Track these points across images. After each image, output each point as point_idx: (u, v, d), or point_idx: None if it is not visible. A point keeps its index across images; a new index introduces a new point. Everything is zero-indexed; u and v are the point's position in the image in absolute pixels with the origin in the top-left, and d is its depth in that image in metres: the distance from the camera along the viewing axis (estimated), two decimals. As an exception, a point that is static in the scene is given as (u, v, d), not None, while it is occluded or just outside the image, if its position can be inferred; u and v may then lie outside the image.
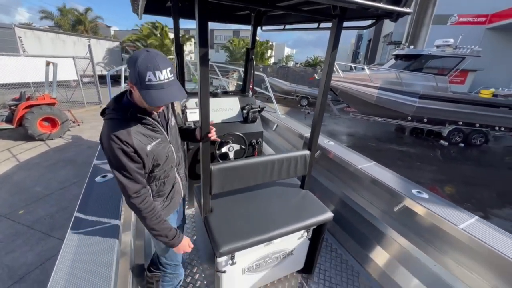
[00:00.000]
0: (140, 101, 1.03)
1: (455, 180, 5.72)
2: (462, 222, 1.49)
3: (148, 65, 0.92)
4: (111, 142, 0.98)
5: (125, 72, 10.91)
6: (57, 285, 0.94)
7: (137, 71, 0.92)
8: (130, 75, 0.96)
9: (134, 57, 0.93)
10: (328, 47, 1.50)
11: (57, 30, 17.32)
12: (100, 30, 27.71)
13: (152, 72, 0.92)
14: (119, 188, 1.06)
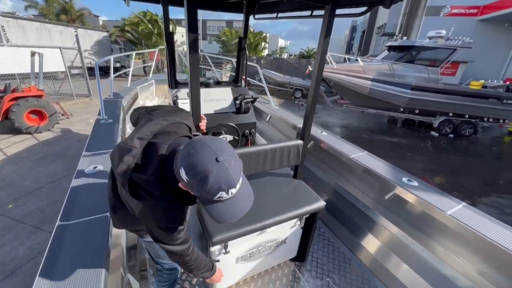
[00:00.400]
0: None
1: (444, 170, 5.86)
2: (450, 209, 1.53)
3: (222, 186, 0.69)
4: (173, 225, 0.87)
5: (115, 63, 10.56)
6: (47, 277, 0.92)
7: (207, 191, 0.69)
8: (191, 185, 0.72)
9: (203, 170, 0.67)
10: (321, 35, 1.48)
11: (42, 20, 16.63)
12: (88, 20, 26.73)
13: (226, 191, 0.70)
14: (168, 255, 0.97)
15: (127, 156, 0.78)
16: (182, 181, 0.74)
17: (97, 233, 1.15)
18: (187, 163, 0.69)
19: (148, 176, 0.79)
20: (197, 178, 0.68)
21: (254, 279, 1.89)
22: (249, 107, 2.49)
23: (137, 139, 0.80)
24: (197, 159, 0.68)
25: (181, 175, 0.71)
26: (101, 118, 2.52)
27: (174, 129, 0.88)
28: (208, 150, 0.69)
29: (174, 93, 2.31)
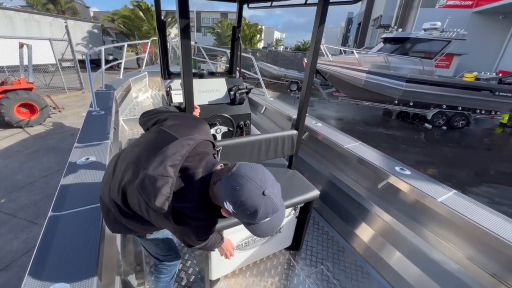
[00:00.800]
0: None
1: (437, 161, 5.96)
2: (440, 196, 1.56)
3: (269, 215, 0.72)
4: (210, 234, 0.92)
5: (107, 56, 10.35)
6: (39, 266, 0.92)
7: (256, 220, 0.72)
8: (238, 215, 0.74)
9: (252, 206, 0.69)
10: (315, 24, 1.47)
11: (31, 10, 16.09)
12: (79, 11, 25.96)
13: (271, 216, 0.74)
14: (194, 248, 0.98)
15: (165, 187, 0.74)
16: (226, 210, 0.75)
17: (90, 223, 1.14)
18: (235, 200, 0.70)
19: (191, 204, 0.79)
20: (247, 212, 0.70)
21: (250, 268, 1.92)
22: (243, 98, 2.47)
23: (170, 167, 0.77)
24: (245, 196, 0.69)
25: (226, 207, 0.73)
26: (93, 110, 2.48)
27: (202, 149, 0.88)
28: (253, 185, 0.70)
29: (167, 84, 2.28)
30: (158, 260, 1.34)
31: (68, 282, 0.87)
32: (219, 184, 0.74)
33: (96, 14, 33.54)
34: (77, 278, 0.89)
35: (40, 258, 0.94)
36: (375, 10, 21.94)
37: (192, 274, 1.84)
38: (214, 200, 0.79)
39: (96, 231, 1.10)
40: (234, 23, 2.63)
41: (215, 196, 0.77)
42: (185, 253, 2.01)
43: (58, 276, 0.89)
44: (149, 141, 0.91)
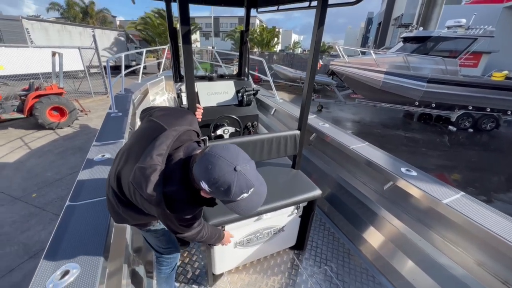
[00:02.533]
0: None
1: (460, 166, 5.63)
2: (446, 198, 1.51)
3: (243, 190, 0.76)
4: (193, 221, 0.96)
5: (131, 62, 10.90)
6: (54, 249, 1.04)
7: (231, 196, 0.76)
8: (214, 194, 0.79)
9: (225, 182, 0.73)
10: (314, 24, 1.50)
11: (63, 21, 17.43)
12: (109, 21, 27.75)
13: (247, 192, 0.78)
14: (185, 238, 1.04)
15: (153, 175, 0.80)
16: (204, 190, 0.81)
17: (101, 212, 1.26)
18: (208, 177, 0.75)
19: (175, 187, 0.84)
20: (221, 189, 0.74)
21: (253, 265, 1.96)
22: (251, 100, 2.54)
23: (156, 156, 0.83)
24: (216, 173, 0.73)
25: (203, 186, 0.78)
26: (112, 112, 2.67)
27: (186, 137, 0.95)
28: (224, 162, 0.75)
29: (178, 87, 2.41)
30: (159, 253, 1.41)
31: (78, 264, 0.98)
32: (195, 165, 0.80)
33: (122, 23, 35.57)
34: (86, 260, 1.00)
35: (56, 242, 1.06)
36: (396, 9, 21.19)
37: (197, 268, 1.92)
38: (194, 183, 0.83)
39: (105, 220, 1.21)
40: (252, 27, 2.70)
41: (193, 178, 0.81)
42: (192, 248, 2.09)
43: (70, 258, 1.00)
44: (140, 130, 1.01)
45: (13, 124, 6.26)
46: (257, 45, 25.44)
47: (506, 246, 1.25)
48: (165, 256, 1.42)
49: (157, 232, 1.31)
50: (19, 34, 11.06)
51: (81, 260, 0.99)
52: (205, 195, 0.85)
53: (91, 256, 1.02)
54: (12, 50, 7.53)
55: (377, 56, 7.87)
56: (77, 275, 0.92)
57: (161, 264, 1.44)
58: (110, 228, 1.21)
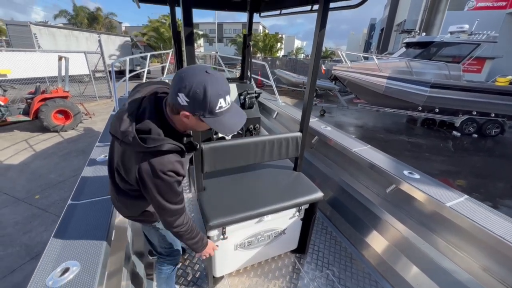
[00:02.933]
0: (187, 127, 0.91)
1: (465, 171, 5.56)
2: (450, 201, 1.49)
3: (219, 92, 0.78)
4: (168, 178, 0.87)
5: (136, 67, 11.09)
6: (55, 246, 1.04)
7: (208, 103, 0.76)
8: (191, 107, 0.78)
9: (198, 85, 0.75)
10: (316, 27, 1.52)
11: (70, 27, 17.81)
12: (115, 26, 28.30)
13: (223, 98, 0.79)
14: (164, 217, 0.99)
15: (125, 115, 0.83)
16: (183, 108, 0.79)
17: (102, 211, 1.26)
18: (183, 85, 0.75)
19: (148, 116, 0.84)
20: (197, 93, 0.75)
21: (254, 268, 1.94)
22: (253, 102, 2.55)
23: (128, 103, 0.89)
24: (190, 78, 0.76)
25: (180, 102, 0.77)
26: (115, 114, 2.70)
27: (155, 85, 0.98)
28: (196, 68, 0.79)
29: None
30: (160, 253, 1.42)
31: (78, 261, 0.98)
32: (170, 90, 0.82)
33: (127, 29, 36.23)
34: (87, 258, 1.00)
35: (57, 240, 1.06)
36: (399, 15, 21.32)
37: (198, 270, 1.91)
38: (171, 115, 0.85)
39: (107, 219, 1.21)
40: (254, 32, 2.74)
41: (170, 106, 0.83)
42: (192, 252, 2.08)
43: (70, 255, 1.00)
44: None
45: (19, 127, 6.35)
46: (260, 51, 25.68)
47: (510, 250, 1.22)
48: (167, 258, 1.43)
49: (159, 230, 1.31)
50: (27, 39, 11.31)
51: (82, 258, 0.99)
52: (184, 118, 0.82)
53: (92, 254, 1.02)
54: (20, 54, 7.69)
55: (379, 61, 7.89)
56: (77, 272, 0.92)
57: (162, 264, 1.45)
58: (111, 227, 1.21)
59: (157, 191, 0.89)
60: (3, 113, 5.59)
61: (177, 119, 0.87)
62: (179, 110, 0.81)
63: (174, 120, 0.88)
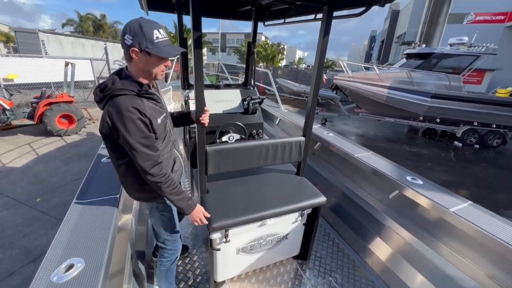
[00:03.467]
0: (143, 72, 1.12)
1: (467, 182, 5.53)
2: (453, 206, 1.49)
3: (152, 25, 1.04)
4: (130, 114, 1.01)
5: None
6: (60, 243, 1.04)
7: (145, 33, 1.01)
8: (136, 41, 1.02)
9: (135, 23, 1.02)
10: (320, 34, 1.56)
11: (77, 35, 18.21)
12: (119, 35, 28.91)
13: (157, 30, 1.05)
14: (138, 161, 1.07)
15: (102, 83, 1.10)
16: (131, 46, 1.03)
17: (105, 211, 1.27)
18: (125, 28, 1.04)
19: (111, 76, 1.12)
20: (135, 28, 1.01)
21: (256, 273, 1.92)
22: (256, 108, 2.58)
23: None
24: (130, 24, 1.03)
25: (127, 42, 1.03)
26: None
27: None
28: (134, 19, 1.05)
29: (186, 94, 2.48)
30: (162, 243, 1.48)
31: (83, 258, 0.98)
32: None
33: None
34: (91, 256, 1.00)
35: (61, 237, 1.07)
36: (399, 27, 21.73)
37: (199, 274, 1.89)
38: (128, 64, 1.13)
39: (110, 218, 1.22)
40: (257, 42, 2.82)
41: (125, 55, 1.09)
42: (194, 254, 2.07)
43: (75, 252, 1.00)
44: None
45: (23, 130, 6.40)
46: (262, 60, 26.07)
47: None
48: (167, 248, 1.49)
49: (165, 216, 1.40)
50: (34, 45, 11.57)
51: (86, 255, 0.99)
52: (134, 55, 1.06)
53: (96, 252, 1.02)
54: (28, 60, 7.84)
55: (380, 71, 7.99)
56: (81, 269, 0.92)
57: (163, 255, 1.50)
58: (115, 227, 1.22)
59: (125, 129, 1.02)
60: (8, 116, 5.66)
61: (132, 67, 1.12)
62: (130, 50, 1.05)
63: (131, 69, 1.12)
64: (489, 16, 12.48)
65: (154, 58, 1.06)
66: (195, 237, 2.26)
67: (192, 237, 2.26)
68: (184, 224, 2.37)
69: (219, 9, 2.42)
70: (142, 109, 1.06)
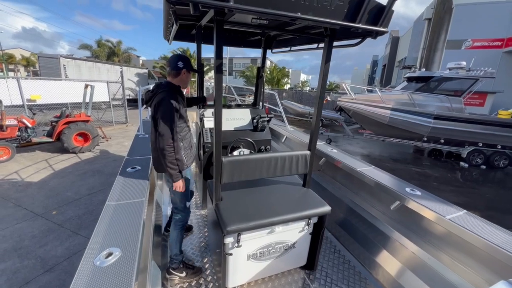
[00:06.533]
0: (183, 83, 1.90)
1: (475, 202, 5.50)
2: (449, 214, 1.60)
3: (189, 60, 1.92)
4: (168, 103, 1.70)
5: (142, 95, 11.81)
6: (98, 234, 1.21)
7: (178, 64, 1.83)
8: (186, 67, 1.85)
9: (186, 57, 1.89)
10: (322, 61, 1.80)
11: (95, 60, 19.45)
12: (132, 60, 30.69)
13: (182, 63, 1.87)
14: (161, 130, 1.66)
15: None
16: (183, 67, 1.84)
17: (135, 211, 1.43)
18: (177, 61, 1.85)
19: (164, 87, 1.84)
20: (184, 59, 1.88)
21: (265, 282, 1.99)
22: (264, 126, 2.80)
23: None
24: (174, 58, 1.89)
25: (180, 65, 1.83)
26: (139, 134, 2.99)
27: None
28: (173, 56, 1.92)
29: (201, 112, 2.72)
30: (176, 208, 2.04)
31: (119, 248, 1.13)
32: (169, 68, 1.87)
33: (144, 62, 39.10)
34: (126, 246, 1.15)
35: (100, 229, 1.23)
36: (400, 52, 22.57)
37: (210, 281, 1.97)
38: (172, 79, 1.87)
39: (139, 218, 1.38)
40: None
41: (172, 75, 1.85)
42: (206, 262, 2.16)
43: (112, 242, 1.16)
44: None
45: (41, 148, 6.74)
46: (268, 83, 27.03)
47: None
48: (180, 211, 2.03)
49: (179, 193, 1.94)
50: (55, 69, 12.41)
51: (122, 245, 1.14)
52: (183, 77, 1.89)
53: (130, 243, 1.17)
54: (51, 82, 8.43)
55: (382, 94, 8.28)
56: (119, 257, 1.07)
57: (176, 215, 2.04)
58: (143, 225, 1.37)
59: (161, 109, 1.69)
60: (29, 134, 6.01)
61: (177, 80, 1.86)
62: (180, 71, 1.84)
63: (175, 82, 1.86)
64: (487, 42, 12.97)
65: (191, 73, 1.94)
66: (206, 247, 2.37)
67: (203, 249, 2.36)
68: (197, 237, 2.50)
69: (233, 38, 2.74)
70: (176, 102, 1.77)
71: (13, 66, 37.59)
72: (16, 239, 3.21)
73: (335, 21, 1.33)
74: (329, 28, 1.67)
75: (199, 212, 2.90)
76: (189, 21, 2.21)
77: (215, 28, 1.38)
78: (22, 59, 37.96)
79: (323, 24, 1.37)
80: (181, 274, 1.94)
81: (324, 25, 1.41)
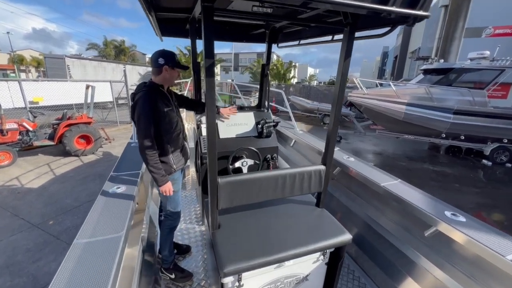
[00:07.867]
0: (165, 80, 1.72)
1: (502, 204, 5.03)
2: (510, 253, 1.25)
3: (172, 53, 1.72)
4: (145, 101, 1.58)
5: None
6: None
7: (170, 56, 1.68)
8: (168, 63, 1.65)
9: (168, 52, 1.70)
10: (341, 57, 1.45)
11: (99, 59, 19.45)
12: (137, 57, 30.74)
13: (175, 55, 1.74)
14: (139, 138, 1.60)
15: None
16: (165, 64, 1.66)
17: (108, 252, 1.15)
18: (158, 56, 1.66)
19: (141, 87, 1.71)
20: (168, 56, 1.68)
21: (272, 320, 1.69)
22: (270, 131, 2.46)
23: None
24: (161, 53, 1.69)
25: (161, 62, 1.65)
26: (132, 142, 2.70)
27: None
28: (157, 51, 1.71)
29: (198, 118, 2.42)
30: (166, 212, 1.95)
31: None
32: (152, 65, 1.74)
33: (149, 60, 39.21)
34: None
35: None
36: (412, 43, 21.53)
37: None
38: (155, 77, 1.71)
39: (113, 259, 1.10)
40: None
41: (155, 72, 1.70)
42: (201, 279, 1.90)
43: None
44: None
45: (43, 151, 6.63)
46: (274, 78, 26.48)
47: None
48: (170, 218, 1.96)
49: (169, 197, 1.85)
50: (61, 70, 12.39)
51: None
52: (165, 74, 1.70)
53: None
54: (53, 84, 8.32)
55: (396, 88, 7.75)
56: None
57: (165, 222, 1.98)
58: (117, 267, 1.10)
59: (136, 111, 1.59)
60: (30, 138, 5.89)
61: (160, 78, 1.70)
62: (161, 68, 1.66)
63: (157, 80, 1.71)
64: (510, 29, 12.07)
65: (176, 70, 1.74)
66: (206, 272, 2.09)
67: (203, 273, 2.09)
68: (197, 259, 2.23)
69: (233, 33, 2.40)
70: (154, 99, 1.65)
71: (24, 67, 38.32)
72: (9, 254, 3.03)
73: (362, 4, 0.98)
74: (350, 14, 1.31)
75: (199, 228, 2.62)
76: (181, 13, 1.89)
77: (202, 17, 1.07)
78: (33, 60, 38.61)
79: (345, 9, 1.03)
80: (170, 276, 1.98)
81: (346, 9, 1.07)
